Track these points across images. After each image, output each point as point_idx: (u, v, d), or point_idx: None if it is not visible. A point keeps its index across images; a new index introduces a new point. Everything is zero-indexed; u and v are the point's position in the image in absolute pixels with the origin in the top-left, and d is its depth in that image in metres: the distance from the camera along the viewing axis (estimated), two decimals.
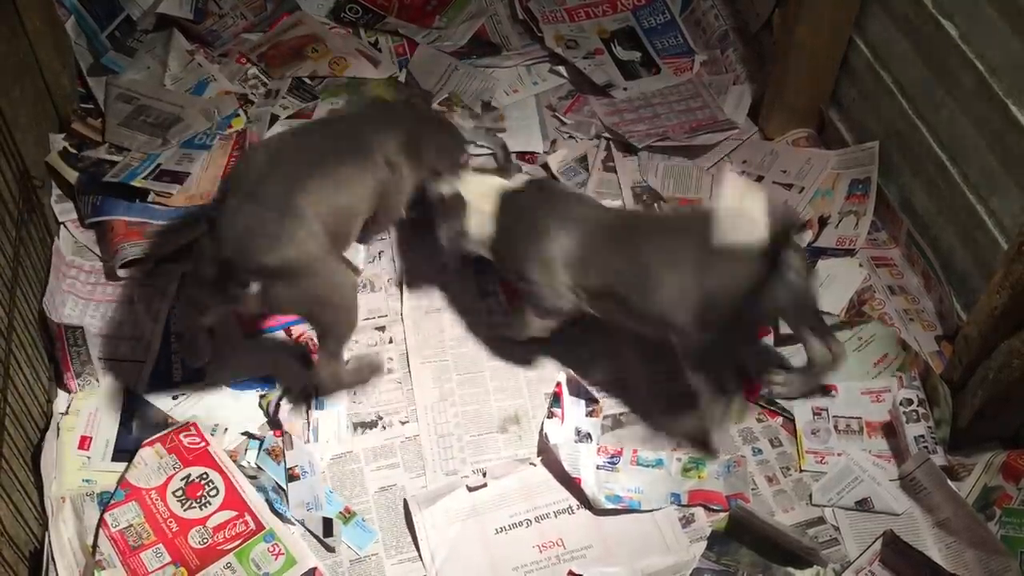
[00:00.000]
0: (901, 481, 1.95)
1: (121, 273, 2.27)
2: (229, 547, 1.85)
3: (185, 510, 1.89)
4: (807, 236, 2.41)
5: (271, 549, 1.85)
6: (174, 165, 2.46)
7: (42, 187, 2.35)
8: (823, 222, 2.43)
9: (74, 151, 2.49)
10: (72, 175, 2.42)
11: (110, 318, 2.22)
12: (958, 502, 1.85)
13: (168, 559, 1.83)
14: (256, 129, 2.57)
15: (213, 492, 1.91)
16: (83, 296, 2.24)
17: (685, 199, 2.48)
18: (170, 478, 1.92)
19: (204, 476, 1.93)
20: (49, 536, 1.82)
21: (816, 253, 2.38)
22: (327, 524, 1.88)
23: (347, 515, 1.92)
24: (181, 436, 1.97)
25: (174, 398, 2.08)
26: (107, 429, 2.00)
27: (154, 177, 2.42)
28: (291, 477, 1.94)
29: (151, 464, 1.93)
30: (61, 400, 2.06)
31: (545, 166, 2.54)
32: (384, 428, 2.07)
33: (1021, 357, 1.79)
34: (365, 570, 1.85)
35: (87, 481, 1.93)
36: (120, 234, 2.31)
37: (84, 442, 1.98)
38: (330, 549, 1.87)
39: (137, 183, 2.39)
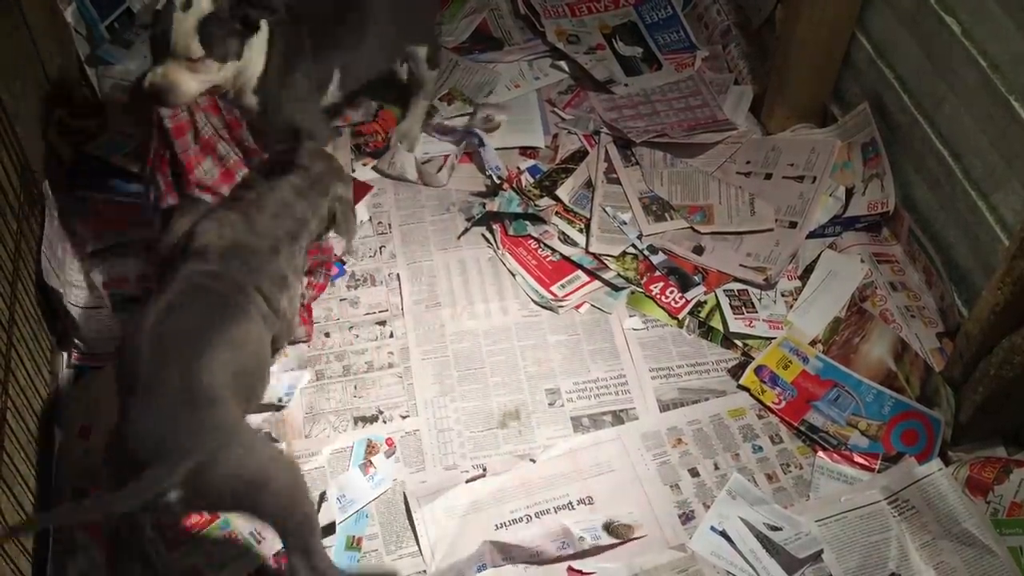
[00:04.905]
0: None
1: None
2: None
3: None
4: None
5: (229, 535, 1.83)
6: None
7: (43, 180, 2.34)
8: (850, 193, 2.43)
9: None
10: (67, 150, 2.42)
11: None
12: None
13: None
14: None
15: None
16: (80, 285, 2.24)
17: (695, 206, 2.47)
18: None
19: None
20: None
21: (849, 223, 2.40)
22: (320, 496, 1.90)
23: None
24: None
25: None
26: (109, 418, 1.99)
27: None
28: None
29: None
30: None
31: (556, 198, 2.49)
32: (385, 422, 2.07)
33: (1022, 353, 1.79)
34: (364, 564, 1.85)
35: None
36: (103, 219, 2.30)
37: (84, 431, 1.97)
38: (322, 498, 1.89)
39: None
